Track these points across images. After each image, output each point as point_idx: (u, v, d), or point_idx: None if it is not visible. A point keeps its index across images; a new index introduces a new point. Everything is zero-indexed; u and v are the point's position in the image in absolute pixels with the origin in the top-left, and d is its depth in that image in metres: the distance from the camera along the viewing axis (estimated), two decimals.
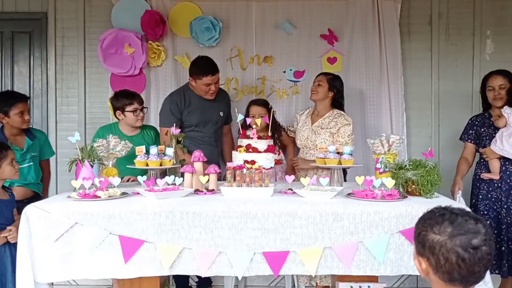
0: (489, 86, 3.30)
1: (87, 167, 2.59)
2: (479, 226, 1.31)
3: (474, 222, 1.32)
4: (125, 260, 2.23)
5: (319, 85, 3.38)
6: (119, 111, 3.22)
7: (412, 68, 4.05)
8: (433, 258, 1.32)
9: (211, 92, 3.36)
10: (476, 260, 1.28)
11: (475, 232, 1.29)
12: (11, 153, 2.62)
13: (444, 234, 1.30)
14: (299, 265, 2.24)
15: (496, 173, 3.20)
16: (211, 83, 3.31)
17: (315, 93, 3.39)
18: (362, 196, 2.37)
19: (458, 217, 1.32)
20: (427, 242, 1.33)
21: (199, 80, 3.31)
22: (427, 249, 1.33)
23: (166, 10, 3.99)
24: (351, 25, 3.98)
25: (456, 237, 1.28)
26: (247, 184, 2.50)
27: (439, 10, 4.03)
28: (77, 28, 4.07)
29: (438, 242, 1.30)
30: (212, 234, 2.24)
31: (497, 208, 3.22)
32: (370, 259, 2.23)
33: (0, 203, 2.54)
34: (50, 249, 2.23)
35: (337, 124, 3.30)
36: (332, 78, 3.42)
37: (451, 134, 4.00)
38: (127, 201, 2.34)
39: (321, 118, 3.39)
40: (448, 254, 1.29)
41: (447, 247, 1.29)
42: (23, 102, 3.15)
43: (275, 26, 4.00)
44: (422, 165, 2.49)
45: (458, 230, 1.29)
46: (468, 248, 1.28)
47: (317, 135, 3.32)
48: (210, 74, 3.29)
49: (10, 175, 2.61)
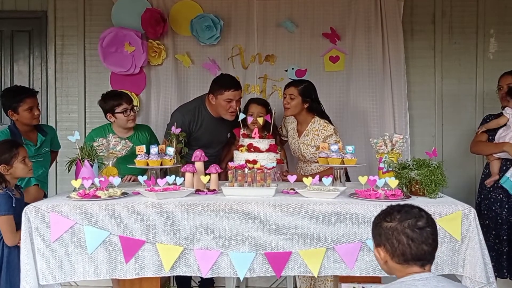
0: (499, 85, 3.32)
1: (87, 167, 2.57)
2: (422, 213, 1.59)
3: (418, 210, 1.60)
4: (126, 261, 2.21)
5: (291, 99, 3.12)
6: (109, 114, 3.10)
7: (415, 67, 4.02)
8: (388, 243, 1.56)
9: (231, 110, 3.13)
10: (423, 239, 1.54)
11: (419, 216, 1.57)
12: (23, 151, 2.58)
13: (395, 220, 1.57)
14: (301, 266, 2.22)
15: (495, 174, 3.19)
16: (233, 98, 3.12)
17: (288, 108, 3.14)
18: (365, 196, 2.35)
19: (404, 207, 1.61)
20: (382, 231, 1.58)
21: (220, 96, 3.12)
22: (383, 236, 1.58)
23: (166, 9, 3.97)
24: (353, 23, 3.95)
25: (404, 221, 1.55)
26: (248, 184, 2.48)
27: (442, 9, 4.01)
28: (77, 27, 4.06)
29: (391, 228, 1.56)
30: (214, 234, 2.22)
31: (496, 209, 3.19)
32: (373, 260, 2.20)
33: (16, 202, 2.48)
34: (49, 250, 2.21)
35: (319, 137, 3.11)
36: (303, 88, 3.14)
37: (455, 133, 3.99)
38: (127, 201, 2.31)
39: (304, 130, 3.19)
40: (399, 236, 1.54)
41: (398, 230, 1.55)
42: (31, 97, 3.08)
43: (276, 25, 3.98)
44: (425, 164, 2.46)
45: (405, 216, 1.57)
46: (415, 229, 1.54)
47: (305, 150, 3.18)
48: (233, 89, 3.11)
49: (23, 173, 2.58)
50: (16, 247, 2.45)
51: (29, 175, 2.67)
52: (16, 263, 2.39)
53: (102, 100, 3.18)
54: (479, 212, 3.25)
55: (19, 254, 2.35)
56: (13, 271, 2.45)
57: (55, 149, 3.40)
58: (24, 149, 2.61)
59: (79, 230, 2.22)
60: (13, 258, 2.46)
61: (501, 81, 3.31)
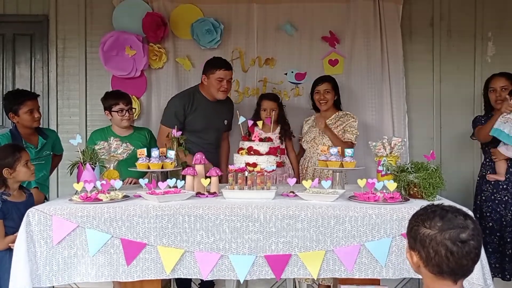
0: (491, 88, 3.27)
1: (88, 170, 2.59)
2: (468, 222, 1.38)
3: (463, 218, 1.38)
4: (127, 263, 2.23)
5: (327, 93, 3.45)
6: (107, 111, 3.25)
7: (414, 70, 4.04)
8: (424, 251, 1.38)
9: (222, 89, 3.32)
10: (464, 254, 1.34)
11: (463, 227, 1.36)
12: (26, 155, 2.59)
13: (435, 228, 1.37)
14: (301, 269, 2.24)
15: (502, 174, 3.17)
16: (224, 78, 3.30)
17: (324, 102, 3.46)
18: (364, 199, 2.37)
19: (448, 213, 1.39)
20: (418, 236, 1.39)
21: (212, 75, 3.30)
22: (418, 242, 1.40)
23: (167, 12, 3.99)
24: (352, 27, 3.97)
25: (445, 231, 1.35)
26: (248, 187, 2.50)
27: (440, 12, 4.03)
28: (78, 31, 4.07)
29: (429, 235, 1.37)
30: (214, 237, 2.24)
31: (500, 211, 3.18)
32: (372, 262, 2.23)
33: (11, 205, 2.50)
34: (52, 252, 2.24)
35: (343, 123, 3.40)
36: (334, 82, 3.51)
37: (453, 136, 4.00)
38: (129, 204, 2.34)
39: (327, 119, 3.45)
40: (437, 247, 1.35)
41: (437, 241, 1.35)
42: (31, 100, 3.12)
43: (276, 28, 4.00)
44: (424, 167, 2.48)
45: (447, 225, 1.36)
46: (457, 242, 1.34)
47: (324, 135, 3.39)
48: (224, 68, 3.30)
49: (26, 177, 2.58)
50: (7, 251, 2.44)
51: (32, 179, 2.68)
52: (7, 267, 2.38)
53: (103, 98, 3.32)
54: (480, 214, 3.26)
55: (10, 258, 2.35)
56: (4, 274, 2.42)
57: (57, 153, 3.43)
58: (26, 153, 2.62)
59: (81, 232, 2.25)
60: (5, 262, 2.44)
61: (493, 84, 3.26)
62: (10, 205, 2.50)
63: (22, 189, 2.63)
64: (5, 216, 2.45)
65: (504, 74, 3.28)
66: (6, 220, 2.46)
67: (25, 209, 2.36)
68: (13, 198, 2.54)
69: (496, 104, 3.23)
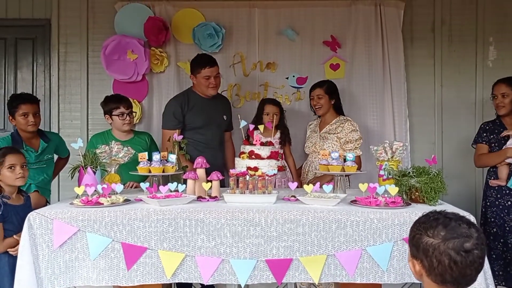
0: (493, 94, 3.29)
1: (90, 174, 2.59)
2: (472, 230, 1.34)
3: (467, 226, 1.35)
4: (128, 268, 2.23)
5: (319, 98, 3.42)
6: (107, 115, 3.23)
7: (415, 75, 4.05)
8: (427, 261, 1.35)
9: (211, 86, 3.32)
10: (468, 263, 1.31)
11: (467, 236, 1.33)
12: (13, 159, 2.51)
13: (438, 237, 1.33)
14: (302, 273, 2.23)
15: (503, 179, 3.16)
16: (210, 75, 3.30)
17: (319, 107, 3.44)
18: (366, 204, 2.36)
19: (451, 221, 1.36)
20: (421, 245, 1.36)
21: (199, 74, 3.30)
22: (421, 251, 1.36)
23: (169, 17, 4.01)
24: (354, 31, 3.99)
25: (449, 241, 1.32)
26: (250, 191, 2.49)
27: (442, 17, 4.05)
28: (80, 35, 4.09)
29: (432, 245, 1.33)
30: (215, 241, 2.23)
31: (504, 216, 3.16)
32: (373, 267, 2.22)
33: (11, 209, 2.48)
34: (54, 256, 2.23)
35: (343, 130, 3.34)
36: (327, 87, 3.45)
37: (454, 140, 4.00)
38: (129, 208, 2.33)
39: (328, 124, 3.43)
40: (441, 256, 1.32)
41: (440, 250, 1.32)
42: (27, 103, 3.10)
43: (277, 33, 4.02)
44: (425, 172, 2.47)
45: (451, 234, 1.33)
46: (460, 251, 1.31)
47: (325, 141, 3.37)
48: (208, 66, 3.29)
49: (10, 181, 2.49)
50: (6, 255, 2.43)
51: (17, 184, 2.53)
52: (5, 270, 2.39)
53: (103, 102, 3.31)
54: (484, 219, 3.25)
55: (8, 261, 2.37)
56: (3, 278, 2.42)
57: (62, 156, 3.44)
58: (15, 157, 2.52)
59: (82, 236, 2.24)
60: (3, 265, 2.42)
61: (495, 90, 3.28)
62: (10, 208, 2.49)
63: (20, 193, 2.62)
64: (5, 219, 2.45)
65: (505, 80, 3.28)
66: (5, 223, 2.45)
67: (23, 212, 2.36)
68: (11, 201, 2.52)
69: (497, 109, 3.26)
